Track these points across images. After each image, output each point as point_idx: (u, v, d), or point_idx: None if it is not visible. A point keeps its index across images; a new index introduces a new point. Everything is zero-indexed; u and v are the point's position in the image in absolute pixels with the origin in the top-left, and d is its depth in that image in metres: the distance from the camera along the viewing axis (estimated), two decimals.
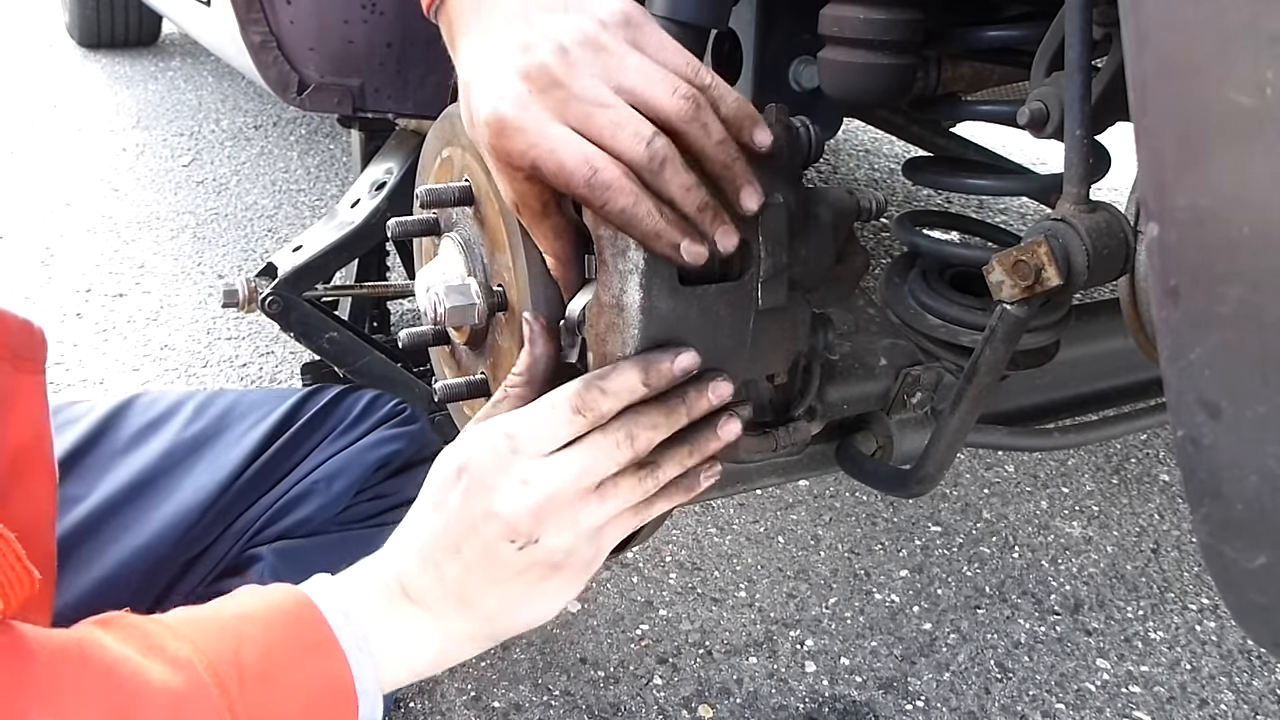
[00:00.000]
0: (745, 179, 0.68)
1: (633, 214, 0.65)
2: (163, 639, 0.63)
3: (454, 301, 0.80)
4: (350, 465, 1.05)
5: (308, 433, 1.06)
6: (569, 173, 0.64)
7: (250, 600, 0.69)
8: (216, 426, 1.04)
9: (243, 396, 1.09)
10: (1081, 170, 0.75)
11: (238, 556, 1.01)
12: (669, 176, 0.65)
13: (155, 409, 1.05)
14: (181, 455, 1.01)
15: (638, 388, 0.69)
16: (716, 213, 0.68)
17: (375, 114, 1.66)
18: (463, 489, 0.68)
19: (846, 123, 2.85)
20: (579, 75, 0.64)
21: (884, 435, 1.06)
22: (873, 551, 1.81)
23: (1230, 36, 0.47)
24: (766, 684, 1.51)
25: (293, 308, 1.77)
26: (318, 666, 0.67)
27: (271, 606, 0.69)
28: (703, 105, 0.66)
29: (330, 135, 3.69)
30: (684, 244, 0.66)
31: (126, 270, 2.71)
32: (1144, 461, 2.13)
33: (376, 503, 1.07)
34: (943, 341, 0.91)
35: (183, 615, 0.67)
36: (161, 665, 0.62)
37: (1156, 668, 1.59)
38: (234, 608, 0.69)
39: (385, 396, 1.13)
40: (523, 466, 0.66)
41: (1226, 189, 0.49)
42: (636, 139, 0.64)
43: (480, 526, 0.67)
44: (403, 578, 0.71)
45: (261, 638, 0.66)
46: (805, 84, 1.12)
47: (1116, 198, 0.87)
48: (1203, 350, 0.52)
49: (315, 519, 1.02)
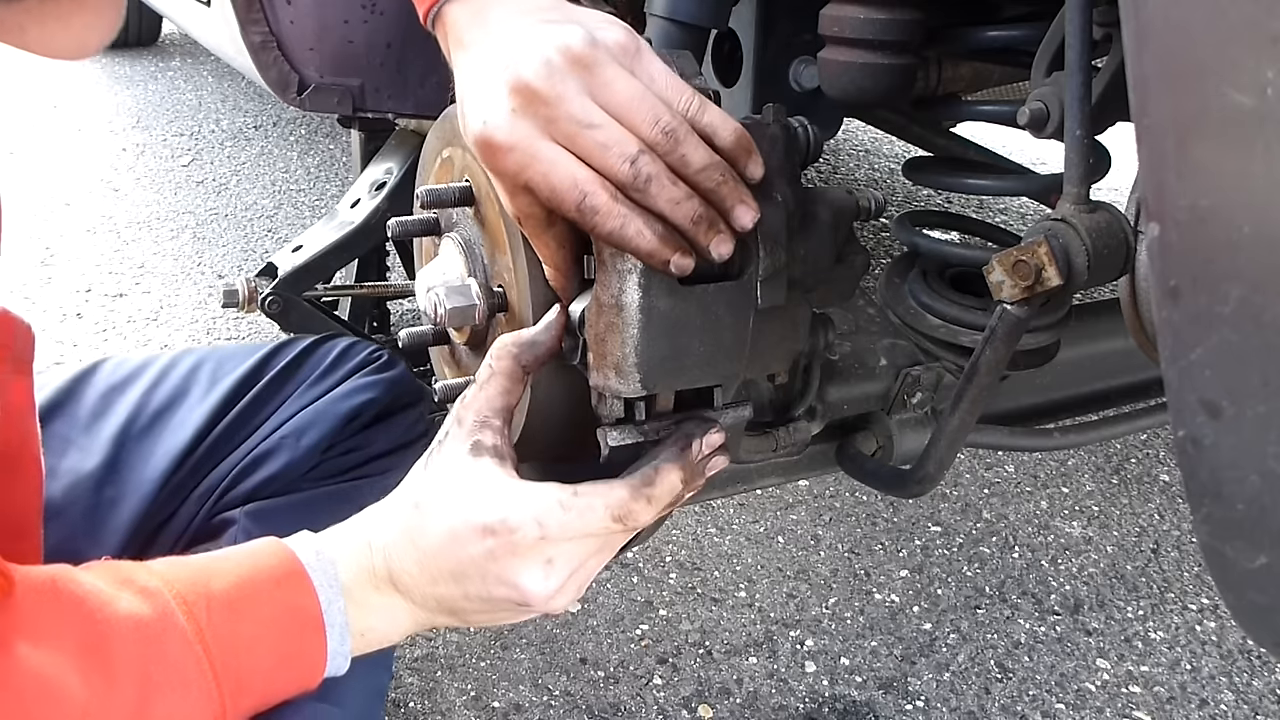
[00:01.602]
0: (737, 198, 0.69)
1: (622, 235, 0.66)
2: (134, 573, 0.66)
3: (454, 302, 0.80)
4: (320, 418, 0.98)
5: (276, 386, 1.00)
6: (560, 197, 0.65)
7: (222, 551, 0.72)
8: (182, 385, 0.99)
9: (211, 353, 1.02)
10: (1081, 170, 0.75)
11: (206, 520, 0.95)
12: (655, 193, 0.66)
13: (120, 372, 0.99)
14: (146, 419, 0.96)
15: (679, 491, 0.71)
16: (711, 222, 0.69)
17: (375, 114, 1.66)
18: (486, 550, 0.69)
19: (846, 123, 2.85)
20: (566, 93, 0.65)
21: (884, 435, 1.06)
22: (873, 551, 1.81)
23: (1230, 36, 0.47)
24: (766, 684, 1.51)
25: (293, 308, 1.77)
26: (286, 596, 0.68)
27: (244, 549, 0.72)
28: (682, 139, 0.67)
29: (330, 135, 3.69)
30: (673, 260, 0.68)
31: (126, 270, 2.71)
32: (1144, 461, 2.13)
33: (349, 456, 1.01)
34: (943, 341, 0.91)
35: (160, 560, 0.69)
36: (130, 595, 0.64)
37: (1156, 668, 1.59)
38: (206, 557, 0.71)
39: (361, 343, 1.05)
40: (549, 549, 0.69)
41: (1226, 189, 0.49)
42: (621, 159, 0.65)
43: (492, 586, 0.70)
44: (394, 571, 0.72)
45: (231, 571, 0.68)
46: (805, 84, 1.12)
47: (1116, 198, 0.87)
48: (1203, 350, 0.52)
49: (284, 476, 0.96)
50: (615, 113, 0.66)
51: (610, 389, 0.72)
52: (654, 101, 0.66)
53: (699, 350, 0.73)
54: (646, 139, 0.66)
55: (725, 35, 1.18)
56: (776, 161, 0.74)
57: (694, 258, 0.68)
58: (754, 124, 0.74)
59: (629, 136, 0.65)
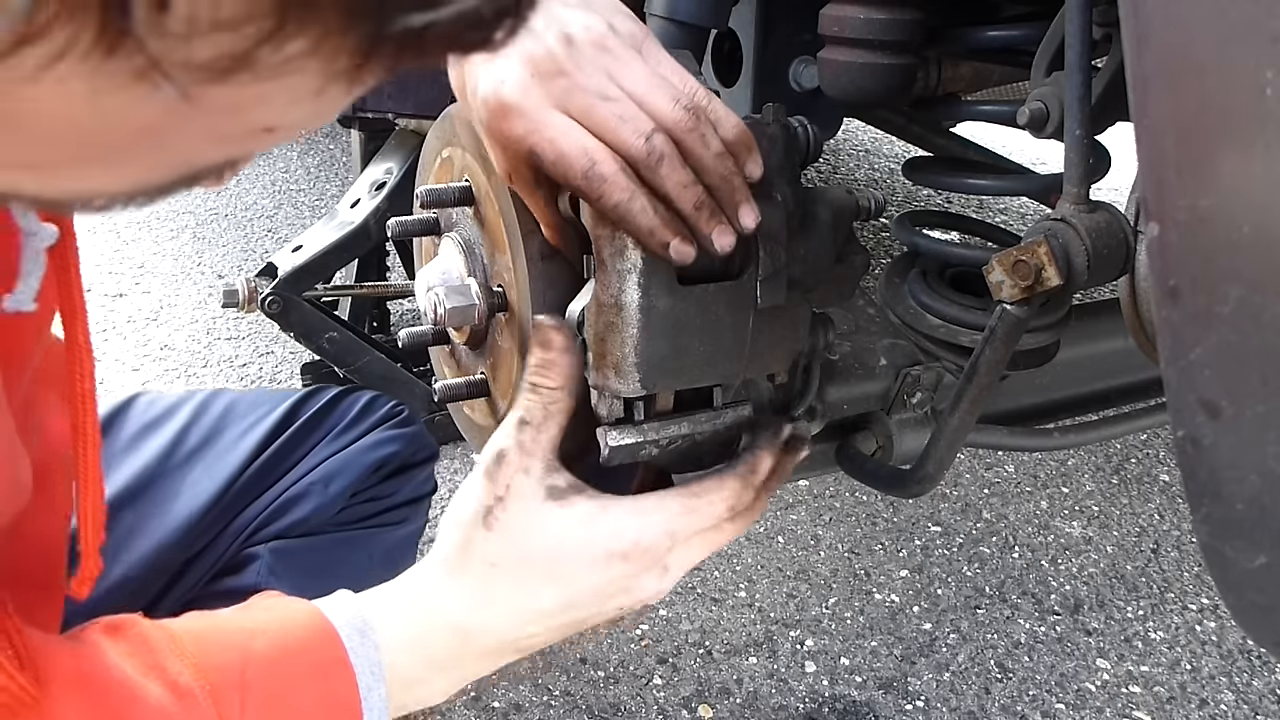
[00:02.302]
0: (743, 196, 0.69)
1: (627, 209, 0.65)
2: (166, 659, 0.62)
3: (454, 302, 0.79)
4: (348, 466, 1.04)
5: (306, 433, 1.06)
6: (567, 163, 0.65)
7: (263, 616, 0.68)
8: (215, 427, 1.04)
9: (241, 397, 1.09)
10: (1081, 170, 0.75)
11: (235, 556, 1.01)
12: (666, 172, 0.66)
13: (154, 410, 1.05)
14: (181, 457, 1.01)
15: (777, 477, 0.74)
16: (713, 211, 0.68)
17: (375, 114, 1.66)
18: (618, 575, 0.70)
19: (846, 123, 2.85)
20: (584, 67, 0.65)
21: (884, 435, 1.06)
22: (873, 551, 1.81)
23: (1230, 36, 0.47)
24: (766, 684, 1.51)
25: (293, 308, 1.77)
26: (325, 687, 0.66)
27: (284, 621, 0.67)
28: (702, 118, 0.67)
29: (330, 135, 3.69)
30: (673, 243, 0.67)
31: (126, 270, 2.71)
32: (1144, 461, 2.13)
33: (373, 504, 1.07)
34: (943, 341, 0.91)
35: (193, 627, 0.66)
36: (160, 689, 0.61)
37: (1156, 668, 1.59)
38: (246, 621, 0.67)
39: (383, 398, 1.12)
40: (672, 554, 0.71)
41: (1226, 189, 0.49)
42: (637, 134, 0.65)
43: (608, 603, 0.71)
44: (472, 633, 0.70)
45: (269, 656, 0.65)
46: (805, 84, 1.12)
47: (1116, 198, 0.87)
48: (1203, 350, 0.52)
49: (312, 519, 1.01)
50: (632, 92, 0.66)
51: (610, 389, 0.72)
52: (670, 85, 0.66)
53: (699, 350, 0.73)
54: (668, 116, 0.66)
55: (725, 35, 1.18)
56: (776, 161, 0.74)
57: (695, 246, 0.68)
58: (754, 123, 0.74)
59: (644, 114, 0.65)
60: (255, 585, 0.98)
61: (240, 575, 0.99)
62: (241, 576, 0.99)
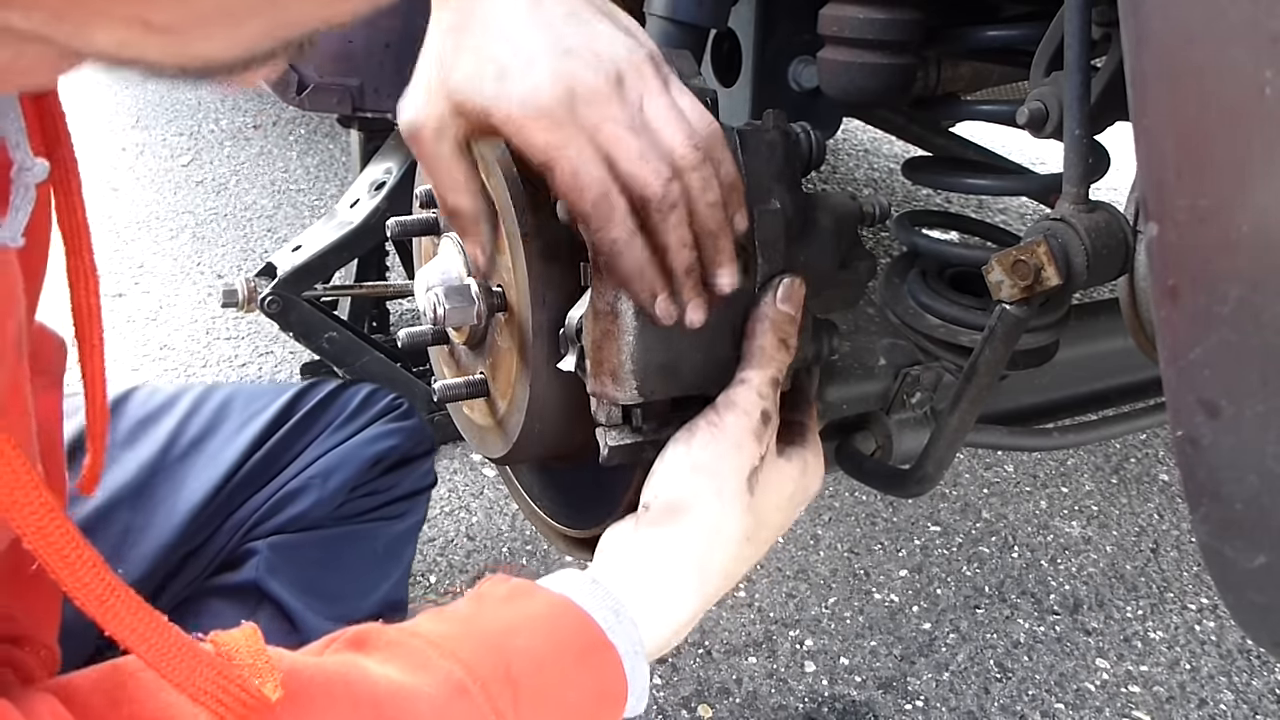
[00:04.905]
0: (726, 257, 0.69)
1: (625, 246, 0.66)
2: (428, 656, 0.61)
3: (454, 302, 0.79)
4: (346, 460, 1.04)
5: (304, 427, 1.05)
6: (582, 186, 0.64)
7: (509, 611, 0.66)
8: (213, 421, 1.04)
9: (239, 390, 1.08)
10: (1081, 170, 0.75)
11: (234, 550, 1.00)
12: (674, 223, 0.66)
13: (153, 402, 1.04)
14: (179, 452, 1.01)
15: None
16: (698, 280, 0.69)
17: (374, 114, 1.66)
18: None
19: (846, 123, 2.85)
20: (620, 96, 0.65)
21: (883, 435, 1.06)
22: (872, 551, 1.81)
23: (1230, 36, 0.47)
24: (766, 684, 1.51)
25: (292, 307, 1.77)
26: (593, 677, 0.65)
27: (537, 615, 0.66)
28: (709, 161, 0.67)
29: (330, 135, 3.68)
30: (660, 297, 0.67)
31: (125, 270, 2.71)
32: (1144, 461, 2.13)
33: (372, 498, 1.07)
34: (942, 341, 0.91)
35: (438, 628, 0.64)
36: (431, 686, 0.59)
37: (1156, 668, 1.59)
38: (492, 618, 0.65)
39: (381, 391, 1.12)
40: None
41: (1226, 189, 0.49)
42: (658, 175, 0.65)
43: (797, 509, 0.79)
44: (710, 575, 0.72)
45: (533, 652, 0.63)
46: (805, 84, 1.12)
47: (1116, 198, 0.87)
48: (1202, 350, 0.52)
49: (311, 514, 1.01)
50: (649, 123, 0.66)
51: (607, 395, 0.72)
52: (686, 123, 0.66)
53: (695, 358, 0.73)
54: (676, 153, 0.66)
55: (724, 35, 1.18)
56: (775, 167, 0.74)
57: (678, 309, 0.69)
58: (752, 130, 0.74)
59: (665, 159, 0.65)
60: (253, 581, 0.98)
61: (239, 570, 0.99)
62: (240, 572, 0.99)
